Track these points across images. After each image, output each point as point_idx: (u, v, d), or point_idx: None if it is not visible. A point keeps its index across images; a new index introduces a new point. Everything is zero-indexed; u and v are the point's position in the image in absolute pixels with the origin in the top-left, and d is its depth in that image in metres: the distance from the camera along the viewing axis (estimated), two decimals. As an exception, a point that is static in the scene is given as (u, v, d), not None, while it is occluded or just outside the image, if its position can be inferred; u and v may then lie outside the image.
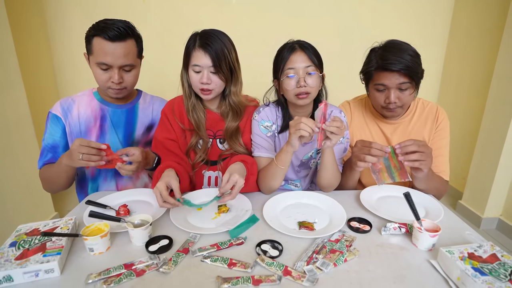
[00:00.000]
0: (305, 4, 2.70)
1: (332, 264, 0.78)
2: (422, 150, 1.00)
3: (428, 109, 1.30)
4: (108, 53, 1.09)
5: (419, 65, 1.14)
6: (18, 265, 0.72)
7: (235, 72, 1.15)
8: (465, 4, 2.67)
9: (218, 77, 1.11)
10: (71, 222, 0.90)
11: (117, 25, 1.08)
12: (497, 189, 2.27)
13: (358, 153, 1.07)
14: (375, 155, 1.03)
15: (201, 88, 1.12)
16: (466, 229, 0.96)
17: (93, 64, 1.13)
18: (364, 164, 1.05)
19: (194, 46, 1.08)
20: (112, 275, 0.74)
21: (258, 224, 0.97)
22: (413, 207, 0.89)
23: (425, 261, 0.81)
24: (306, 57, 1.09)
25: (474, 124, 2.49)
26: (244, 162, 1.11)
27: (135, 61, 1.17)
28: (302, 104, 1.13)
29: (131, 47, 1.13)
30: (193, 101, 1.19)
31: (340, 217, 0.98)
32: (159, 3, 2.63)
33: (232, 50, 1.12)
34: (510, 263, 0.73)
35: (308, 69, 1.08)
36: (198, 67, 1.09)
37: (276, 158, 1.10)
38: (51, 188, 1.23)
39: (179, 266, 0.78)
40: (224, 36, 1.12)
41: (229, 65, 1.11)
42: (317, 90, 1.14)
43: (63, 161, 1.09)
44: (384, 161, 1.07)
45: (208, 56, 1.07)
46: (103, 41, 1.08)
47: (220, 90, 1.16)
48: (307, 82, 1.08)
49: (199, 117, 1.20)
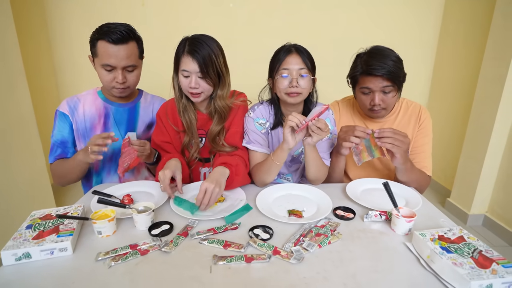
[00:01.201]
0: (301, 11, 2.81)
1: (317, 245, 0.87)
2: (396, 137, 1.13)
3: (411, 108, 1.40)
4: (112, 55, 1.17)
5: (401, 70, 1.24)
6: (35, 244, 0.80)
7: (223, 77, 1.21)
8: (453, 12, 2.79)
9: (205, 81, 1.17)
10: (80, 208, 0.98)
11: (119, 29, 1.16)
12: (483, 187, 2.37)
13: (344, 135, 1.19)
14: (358, 136, 1.15)
15: (191, 92, 1.18)
16: (441, 217, 1.06)
17: (98, 66, 1.21)
18: (349, 144, 1.17)
19: (183, 52, 1.14)
20: (119, 253, 0.82)
21: (251, 212, 1.06)
22: (392, 196, 0.98)
23: (401, 243, 0.90)
24: (300, 60, 1.17)
25: (462, 124, 2.59)
26: (227, 165, 1.15)
27: (137, 62, 1.25)
28: (293, 102, 1.21)
29: (133, 49, 1.21)
30: (184, 102, 1.26)
31: (326, 206, 1.07)
32: (158, 7, 2.72)
33: (219, 55, 1.18)
34: (474, 243, 0.83)
35: (301, 71, 1.17)
36: (187, 72, 1.15)
37: (273, 155, 1.18)
38: (62, 182, 1.32)
39: (179, 247, 0.87)
40: (212, 41, 1.17)
41: (217, 70, 1.17)
42: (308, 91, 1.22)
43: (79, 157, 1.18)
44: (365, 142, 1.18)
45: (196, 62, 1.12)
46: (107, 44, 1.16)
47: (209, 93, 1.23)
48: (299, 83, 1.17)
49: (190, 118, 1.27)
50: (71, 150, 1.31)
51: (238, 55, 2.68)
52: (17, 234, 0.85)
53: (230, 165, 1.15)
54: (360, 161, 1.20)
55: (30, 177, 2.12)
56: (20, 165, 2.04)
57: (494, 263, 0.75)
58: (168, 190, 1.06)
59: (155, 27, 2.75)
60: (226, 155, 1.26)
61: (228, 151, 1.29)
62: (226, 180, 1.11)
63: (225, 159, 1.19)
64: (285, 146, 1.12)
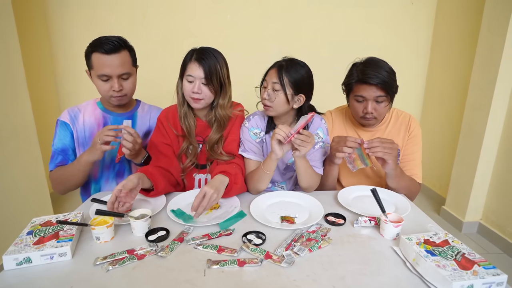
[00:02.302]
0: (299, 21, 2.90)
1: (308, 250, 0.90)
2: (385, 145, 1.17)
3: (401, 118, 1.45)
4: (106, 65, 1.22)
5: (394, 81, 1.29)
6: (36, 249, 0.84)
7: (225, 87, 1.28)
8: (444, 23, 2.89)
9: (208, 88, 1.23)
10: (80, 215, 1.02)
11: (111, 40, 1.23)
12: (476, 194, 2.41)
13: (336, 146, 1.23)
14: (350, 146, 1.19)
15: (192, 97, 1.24)
16: (429, 222, 1.09)
17: (95, 77, 1.27)
18: (342, 155, 1.21)
19: (190, 59, 1.22)
20: (117, 258, 0.85)
21: (245, 219, 1.10)
22: (379, 202, 1.02)
23: (389, 248, 0.94)
24: (276, 75, 1.21)
25: (456, 132, 2.64)
26: (226, 173, 1.18)
27: (131, 70, 1.31)
28: (267, 115, 1.29)
29: (125, 57, 1.27)
30: (185, 109, 1.32)
31: (318, 212, 1.11)
32: (158, 20, 2.80)
33: (224, 66, 1.26)
34: (458, 247, 0.86)
35: (274, 85, 1.22)
36: (192, 77, 1.22)
37: (263, 164, 1.22)
38: (62, 188, 1.33)
39: (175, 252, 0.90)
40: (218, 54, 1.26)
41: (220, 79, 1.25)
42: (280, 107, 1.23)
43: (83, 158, 1.22)
44: (357, 151, 1.22)
45: (202, 68, 1.20)
46: (100, 55, 1.22)
47: (209, 101, 1.28)
48: (270, 96, 1.22)
49: (190, 124, 1.32)
50: (71, 157, 1.34)
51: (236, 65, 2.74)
52: (18, 240, 0.88)
53: (230, 174, 1.18)
54: (354, 168, 1.24)
55: (29, 185, 2.15)
56: (20, 173, 2.07)
57: (475, 265, 0.78)
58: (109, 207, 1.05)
59: (155, 39, 2.83)
60: (224, 164, 1.30)
61: (226, 159, 1.33)
62: (225, 188, 1.14)
63: (225, 167, 1.22)
64: (273, 156, 1.16)
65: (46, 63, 2.80)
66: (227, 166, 1.25)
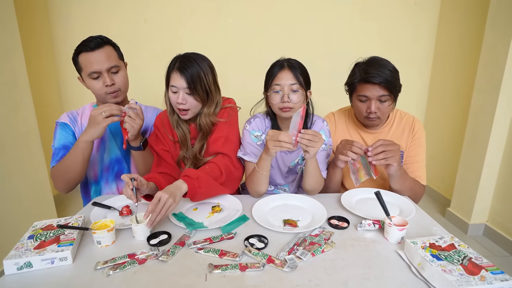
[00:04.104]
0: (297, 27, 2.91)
1: (311, 254, 0.89)
2: (388, 149, 1.15)
3: (405, 120, 1.43)
4: (93, 61, 1.24)
5: (397, 80, 1.28)
6: (36, 253, 0.83)
7: (211, 94, 1.24)
8: (447, 26, 2.87)
9: (193, 98, 1.20)
10: (81, 219, 1.01)
11: (93, 37, 1.25)
12: (482, 196, 2.38)
13: (341, 149, 1.22)
14: (355, 152, 1.18)
15: (178, 108, 1.22)
16: (434, 225, 1.08)
17: (86, 78, 1.27)
18: (345, 158, 1.19)
19: (173, 68, 1.19)
20: (118, 262, 0.85)
21: (248, 222, 1.08)
22: (383, 205, 1.00)
23: (393, 251, 0.92)
24: (291, 75, 1.21)
25: (460, 134, 2.62)
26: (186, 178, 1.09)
27: (119, 62, 1.31)
28: (286, 117, 1.25)
29: (110, 51, 1.28)
30: (175, 117, 1.30)
31: (321, 215, 1.09)
32: (159, 23, 2.81)
33: (209, 73, 1.22)
34: (464, 251, 0.84)
35: (292, 87, 1.21)
36: (175, 87, 1.19)
37: (257, 165, 1.21)
38: (63, 182, 1.28)
39: (176, 256, 0.89)
40: (202, 60, 1.22)
41: (205, 87, 1.21)
42: (300, 105, 1.23)
43: (82, 138, 1.18)
44: (361, 160, 1.20)
45: (184, 78, 1.17)
46: (86, 54, 1.23)
47: (197, 110, 1.26)
48: (291, 98, 1.21)
49: (184, 131, 1.31)
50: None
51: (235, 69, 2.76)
52: (19, 244, 0.87)
53: (190, 178, 1.09)
54: (357, 181, 1.22)
55: (32, 189, 2.16)
56: (24, 178, 2.07)
57: (483, 270, 0.77)
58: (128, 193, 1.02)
59: (156, 42, 2.84)
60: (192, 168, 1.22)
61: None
62: (182, 194, 1.06)
63: (187, 171, 1.12)
64: (268, 157, 1.16)
65: (49, 69, 2.82)
66: (191, 170, 1.14)
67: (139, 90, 1.36)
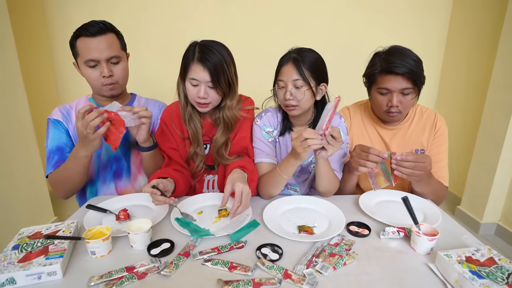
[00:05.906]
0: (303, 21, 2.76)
1: (332, 267, 0.79)
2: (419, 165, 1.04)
3: (426, 115, 1.32)
4: (92, 48, 1.12)
5: (421, 70, 1.16)
6: (21, 268, 0.73)
7: (233, 86, 1.14)
8: (462, 14, 2.72)
9: (215, 92, 1.09)
10: (73, 225, 0.91)
11: (95, 22, 1.13)
12: (495, 194, 2.29)
13: (357, 158, 1.09)
14: (373, 161, 1.06)
15: (198, 102, 1.11)
16: (464, 233, 0.98)
17: (82, 65, 1.15)
18: (364, 169, 1.08)
19: (193, 59, 1.06)
20: (114, 278, 0.75)
21: (258, 228, 0.98)
22: (412, 212, 0.90)
23: (423, 264, 0.82)
24: (295, 70, 1.08)
25: (472, 130, 2.52)
26: (244, 169, 1.09)
27: (120, 53, 1.19)
28: (291, 115, 1.14)
29: (112, 39, 1.16)
30: (189, 110, 1.18)
31: (339, 221, 0.99)
32: (160, 12, 2.66)
33: (231, 64, 1.11)
34: (507, 267, 0.74)
35: (296, 83, 1.09)
36: (196, 81, 1.07)
37: (280, 168, 1.09)
38: (64, 190, 1.20)
39: (180, 269, 0.79)
40: (223, 49, 1.10)
41: (228, 79, 1.09)
42: (307, 103, 1.12)
43: (81, 154, 1.07)
44: (380, 165, 1.09)
45: (207, 71, 1.05)
46: (86, 39, 1.11)
47: (216, 103, 1.15)
48: (294, 95, 1.09)
49: (196, 126, 1.19)
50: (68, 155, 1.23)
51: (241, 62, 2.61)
52: (1, 256, 0.77)
53: (247, 170, 1.09)
54: (376, 186, 1.12)
55: (28, 187, 2.07)
56: (19, 175, 1.98)
57: (532, 291, 0.67)
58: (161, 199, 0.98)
59: (157, 32, 2.70)
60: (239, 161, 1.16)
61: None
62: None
63: (241, 162, 1.12)
64: (298, 162, 1.04)
65: (45, 62, 2.68)
66: (243, 162, 1.13)
67: (139, 82, 1.23)
